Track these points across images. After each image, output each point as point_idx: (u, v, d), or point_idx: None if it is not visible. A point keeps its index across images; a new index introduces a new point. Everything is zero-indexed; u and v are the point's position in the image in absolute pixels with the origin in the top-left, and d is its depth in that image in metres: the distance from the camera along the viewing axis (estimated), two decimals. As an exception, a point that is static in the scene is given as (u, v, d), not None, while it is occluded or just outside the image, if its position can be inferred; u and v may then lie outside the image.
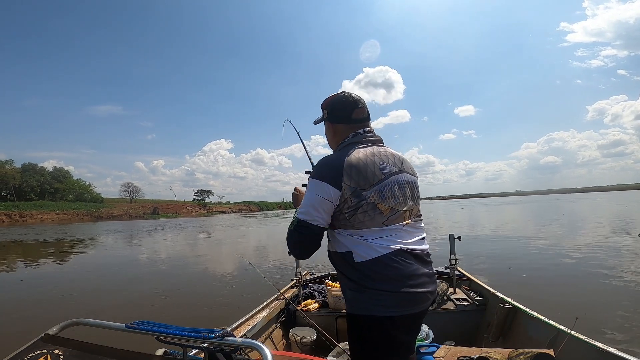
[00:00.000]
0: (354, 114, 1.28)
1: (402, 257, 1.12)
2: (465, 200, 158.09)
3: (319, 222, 1.13)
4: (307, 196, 1.15)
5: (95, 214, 66.05)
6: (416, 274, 1.12)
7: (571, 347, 1.78)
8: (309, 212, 1.13)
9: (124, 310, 5.53)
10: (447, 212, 40.53)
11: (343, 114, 1.29)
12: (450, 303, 2.79)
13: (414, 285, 1.11)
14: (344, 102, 1.30)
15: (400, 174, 1.22)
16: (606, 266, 7.19)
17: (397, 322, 1.09)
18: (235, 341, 0.94)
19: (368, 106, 1.33)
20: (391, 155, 1.25)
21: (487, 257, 8.66)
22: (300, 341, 2.47)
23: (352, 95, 1.31)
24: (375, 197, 1.13)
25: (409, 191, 1.23)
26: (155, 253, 13.78)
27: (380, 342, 1.10)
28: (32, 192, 70.50)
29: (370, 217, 1.13)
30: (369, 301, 1.09)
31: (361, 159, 1.16)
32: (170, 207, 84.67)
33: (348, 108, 1.29)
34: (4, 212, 56.25)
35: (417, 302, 1.12)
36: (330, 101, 1.33)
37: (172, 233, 24.69)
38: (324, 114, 1.34)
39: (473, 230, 16.32)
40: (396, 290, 1.09)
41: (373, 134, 1.29)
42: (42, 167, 78.55)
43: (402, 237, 1.15)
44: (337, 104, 1.31)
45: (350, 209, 1.12)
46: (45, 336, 0.97)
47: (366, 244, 1.12)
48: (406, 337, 1.15)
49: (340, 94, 1.33)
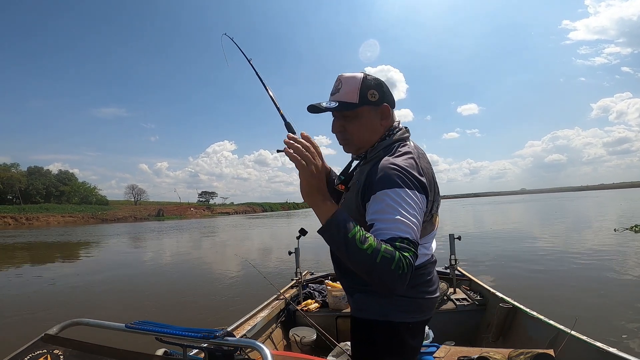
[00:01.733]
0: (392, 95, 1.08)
1: (429, 266, 1.08)
2: (469, 200, 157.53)
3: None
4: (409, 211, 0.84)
5: (100, 217, 66.45)
6: (434, 280, 1.09)
7: (571, 347, 1.78)
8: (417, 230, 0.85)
9: (124, 310, 5.57)
10: (449, 211, 40.38)
11: (392, 96, 1.06)
12: (450, 303, 2.79)
13: (432, 292, 1.07)
14: (385, 82, 1.06)
15: (434, 176, 1.07)
16: (606, 266, 7.15)
17: (412, 328, 1.04)
18: (235, 341, 0.94)
19: None
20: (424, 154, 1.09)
21: (484, 257, 8.64)
22: (300, 341, 2.47)
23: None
24: (435, 208, 1.04)
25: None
26: (158, 254, 13.85)
27: (394, 348, 1.04)
28: (38, 195, 71.10)
29: (425, 229, 1.01)
30: (387, 306, 1.02)
31: (426, 164, 1.02)
32: (174, 209, 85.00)
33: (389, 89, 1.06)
34: (10, 215, 56.73)
35: (431, 308, 1.09)
36: (374, 80, 1.04)
37: (176, 235, 24.77)
38: (372, 96, 1.02)
39: (472, 230, 16.29)
40: (416, 296, 1.03)
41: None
42: (47, 170, 79.37)
43: (430, 245, 1.09)
44: (384, 84, 1.05)
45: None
46: (45, 336, 0.97)
47: None
48: (416, 342, 1.10)
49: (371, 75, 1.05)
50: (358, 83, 1.02)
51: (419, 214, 0.86)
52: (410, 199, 0.86)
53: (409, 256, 0.78)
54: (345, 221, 0.84)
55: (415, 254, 0.81)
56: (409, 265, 0.77)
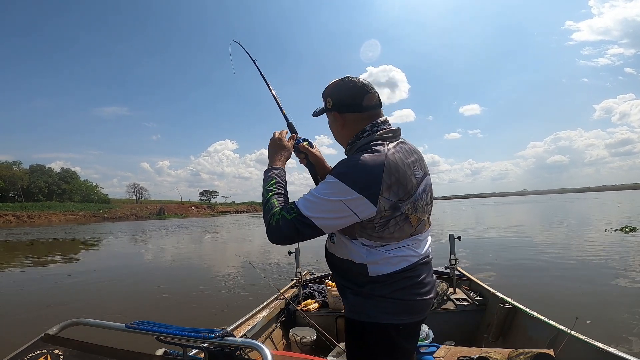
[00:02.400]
0: (365, 100, 1.09)
1: (417, 268, 1.06)
2: (470, 200, 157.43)
3: (327, 230, 1.00)
4: (329, 198, 0.95)
5: (102, 215, 66.67)
6: (424, 282, 1.07)
7: (571, 347, 1.78)
8: (322, 215, 0.96)
9: (124, 310, 5.57)
10: (447, 211, 40.44)
11: (352, 102, 1.10)
12: (450, 303, 2.79)
13: (422, 294, 1.06)
14: (352, 87, 1.10)
15: (426, 177, 1.09)
16: (606, 266, 7.15)
17: (402, 330, 1.04)
18: (235, 341, 0.94)
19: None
20: (416, 154, 1.09)
21: (484, 257, 8.64)
22: (300, 341, 2.47)
23: (359, 79, 1.12)
24: (410, 208, 1.01)
25: (430, 196, 1.11)
26: (158, 253, 13.88)
27: (384, 350, 1.05)
28: (40, 193, 71.40)
29: (400, 228, 1.01)
30: (375, 308, 1.03)
31: (399, 165, 0.99)
32: (175, 208, 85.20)
33: (357, 94, 1.09)
34: (12, 213, 56.98)
35: (423, 310, 1.08)
36: (334, 87, 1.13)
37: (177, 233, 24.83)
38: (327, 103, 1.15)
39: (472, 230, 16.30)
40: (404, 298, 1.03)
41: (391, 125, 1.12)
42: (49, 168, 79.73)
43: (419, 247, 1.08)
44: (343, 90, 1.11)
45: (383, 220, 0.99)
46: (45, 336, 0.98)
47: (386, 256, 1.02)
48: (409, 344, 1.10)
49: (344, 79, 1.13)
50: (326, 89, 1.17)
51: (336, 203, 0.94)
52: (336, 188, 0.95)
53: (285, 216, 0.96)
54: (269, 173, 1.14)
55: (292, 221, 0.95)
56: (279, 221, 0.96)
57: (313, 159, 1.32)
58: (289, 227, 0.96)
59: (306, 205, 0.97)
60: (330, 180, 0.97)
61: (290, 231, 0.96)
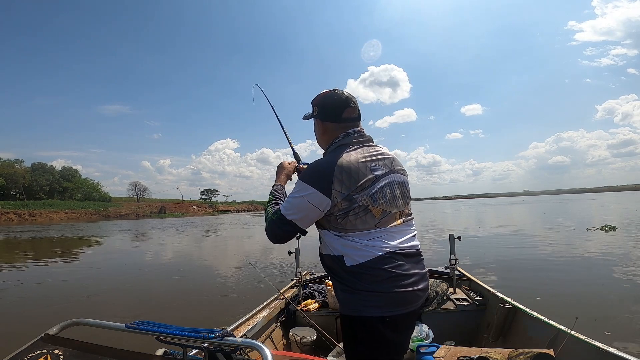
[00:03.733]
0: (344, 113, 1.26)
1: (393, 259, 1.11)
2: (471, 201, 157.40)
3: (302, 224, 1.16)
4: (295, 197, 1.16)
5: (103, 213, 66.76)
6: (407, 274, 1.12)
7: (571, 347, 1.78)
8: (294, 212, 1.15)
9: (124, 310, 5.57)
10: (450, 212, 40.45)
11: (333, 112, 1.27)
12: (450, 303, 2.78)
13: (405, 285, 1.11)
14: (336, 100, 1.28)
15: (390, 175, 1.21)
16: (606, 266, 7.15)
17: (389, 322, 1.09)
18: (235, 341, 0.95)
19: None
20: (380, 155, 1.23)
21: (484, 257, 8.62)
22: (300, 341, 2.47)
23: (343, 94, 1.28)
24: (367, 200, 1.13)
25: (399, 191, 1.21)
26: (159, 253, 13.88)
27: (372, 342, 1.10)
28: (41, 191, 71.47)
29: (362, 219, 1.12)
30: (359, 302, 1.10)
31: (352, 162, 1.14)
32: (176, 207, 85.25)
33: (339, 106, 1.27)
34: (14, 210, 57.09)
35: (408, 302, 1.12)
36: (321, 98, 1.31)
37: (178, 232, 24.86)
38: (314, 111, 1.33)
39: (472, 230, 16.33)
40: (386, 290, 1.09)
41: (363, 134, 1.27)
42: (51, 167, 79.69)
43: (393, 238, 1.15)
44: (328, 101, 1.29)
45: (342, 212, 1.12)
46: (45, 336, 0.98)
47: (357, 247, 1.11)
48: (399, 336, 1.14)
49: (332, 92, 1.30)
50: (314, 99, 1.34)
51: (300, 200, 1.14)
52: (298, 188, 1.16)
53: (272, 218, 1.18)
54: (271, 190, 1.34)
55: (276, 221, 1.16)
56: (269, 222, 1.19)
57: None
58: (274, 225, 1.17)
59: (284, 206, 1.17)
60: (296, 183, 1.20)
61: (275, 229, 1.17)
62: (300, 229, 1.17)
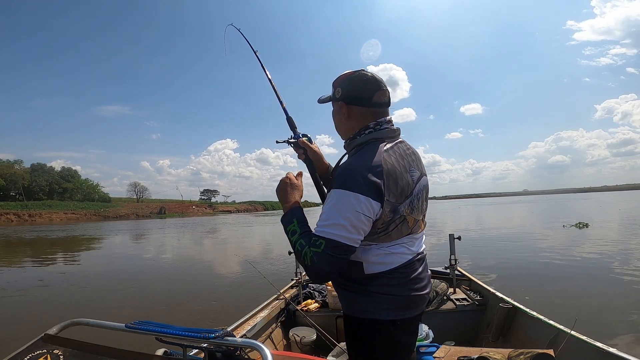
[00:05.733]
0: (375, 96, 1.08)
1: (413, 264, 1.08)
2: (470, 200, 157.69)
3: (356, 244, 0.96)
4: (341, 210, 0.94)
5: (102, 214, 66.66)
6: (419, 277, 1.09)
7: (571, 347, 1.78)
8: (345, 237, 0.93)
9: (124, 310, 5.57)
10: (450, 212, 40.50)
11: (362, 95, 1.08)
12: (450, 303, 2.79)
13: (418, 289, 1.08)
14: (365, 80, 1.08)
15: (422, 178, 1.11)
16: (606, 266, 7.17)
17: (400, 326, 1.05)
18: (235, 341, 0.94)
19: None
20: (413, 155, 1.11)
21: (484, 257, 8.65)
22: (300, 341, 2.47)
23: (373, 75, 1.10)
24: (407, 210, 1.02)
25: (426, 195, 1.13)
26: (159, 253, 13.86)
27: (383, 345, 1.06)
28: (40, 191, 71.39)
29: (399, 230, 1.03)
30: (371, 304, 1.04)
31: (396, 166, 1.01)
32: (176, 207, 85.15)
33: (369, 88, 1.08)
34: (13, 211, 57.03)
35: (419, 305, 1.10)
36: (346, 78, 1.11)
37: (178, 233, 24.85)
38: (336, 92, 1.13)
39: (472, 231, 16.37)
40: (401, 294, 1.05)
41: (394, 126, 1.12)
42: (50, 167, 79.54)
43: (414, 245, 1.09)
44: (355, 82, 1.09)
45: (384, 224, 1.00)
46: (45, 336, 0.97)
47: (379, 255, 1.03)
48: (408, 339, 1.11)
49: (359, 72, 1.10)
50: (337, 79, 1.14)
51: (352, 215, 0.93)
52: (346, 200, 0.94)
53: (316, 251, 0.93)
54: (288, 216, 1.06)
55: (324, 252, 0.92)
56: (312, 259, 0.93)
57: (312, 154, 1.33)
58: (324, 259, 0.93)
59: (326, 231, 0.94)
60: (338, 195, 0.96)
61: (326, 263, 0.93)
62: (354, 248, 0.96)
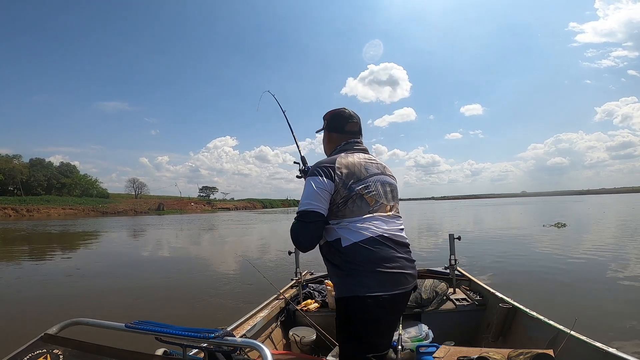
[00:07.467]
0: (347, 126, 1.56)
1: (383, 241, 1.30)
2: (468, 201, 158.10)
3: (320, 209, 1.30)
4: (305, 192, 1.33)
5: (101, 209, 66.60)
6: (394, 256, 1.30)
7: (571, 347, 1.78)
8: (309, 203, 1.30)
9: (123, 310, 5.54)
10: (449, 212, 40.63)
11: (338, 125, 1.57)
12: (450, 303, 2.79)
13: (393, 267, 1.28)
14: (341, 115, 1.58)
15: (382, 175, 1.46)
16: (606, 266, 7.18)
17: (381, 302, 1.23)
18: (235, 341, 0.94)
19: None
20: (374, 161, 1.50)
21: (484, 257, 8.66)
22: (300, 341, 2.47)
23: (349, 111, 1.58)
24: (362, 190, 1.36)
25: (388, 189, 1.46)
26: (157, 251, 13.82)
27: (363, 319, 1.24)
28: (39, 186, 71.20)
29: (358, 206, 1.34)
30: (353, 282, 1.26)
31: (349, 161, 1.41)
32: (175, 204, 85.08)
33: (343, 121, 1.57)
34: (11, 206, 56.93)
35: (398, 283, 1.28)
36: (330, 113, 1.61)
37: (176, 230, 24.83)
38: (324, 124, 1.61)
39: (471, 231, 16.46)
40: (376, 270, 1.25)
41: (361, 144, 1.56)
42: (49, 162, 79.25)
43: (383, 224, 1.34)
44: (335, 116, 1.59)
45: (342, 200, 1.33)
46: (45, 336, 0.97)
47: (352, 229, 1.30)
48: (389, 316, 1.29)
49: (339, 109, 1.59)
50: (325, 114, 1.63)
51: (312, 191, 1.31)
52: (308, 184, 1.34)
53: (293, 223, 1.33)
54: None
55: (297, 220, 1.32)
56: (291, 230, 1.34)
57: None
58: (297, 226, 1.32)
59: (300, 205, 1.34)
60: (305, 184, 1.38)
61: (298, 228, 1.32)
62: (321, 214, 1.30)
